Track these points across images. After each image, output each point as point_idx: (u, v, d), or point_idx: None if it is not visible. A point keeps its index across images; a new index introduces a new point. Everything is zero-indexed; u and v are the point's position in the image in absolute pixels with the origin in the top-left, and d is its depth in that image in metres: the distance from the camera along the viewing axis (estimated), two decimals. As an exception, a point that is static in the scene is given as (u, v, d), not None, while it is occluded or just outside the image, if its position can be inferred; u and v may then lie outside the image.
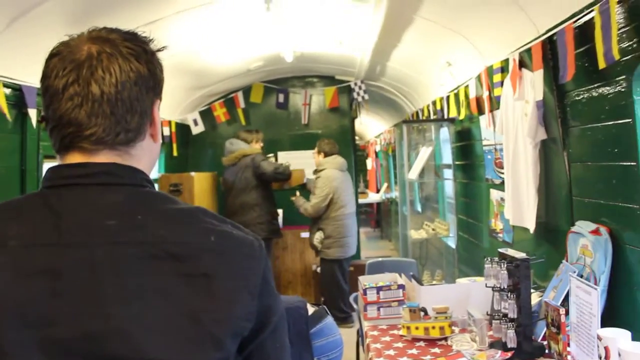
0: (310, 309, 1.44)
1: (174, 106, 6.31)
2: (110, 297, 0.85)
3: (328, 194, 5.80)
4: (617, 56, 2.12)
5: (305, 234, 7.00)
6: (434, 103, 5.78)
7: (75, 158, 0.96)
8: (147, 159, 1.04)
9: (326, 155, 6.02)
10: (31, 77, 3.18)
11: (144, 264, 0.88)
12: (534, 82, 2.90)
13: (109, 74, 0.93)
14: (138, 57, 0.97)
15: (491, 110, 3.91)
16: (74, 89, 0.92)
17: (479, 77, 4.09)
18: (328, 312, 1.49)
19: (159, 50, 1.04)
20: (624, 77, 2.25)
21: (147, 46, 1.01)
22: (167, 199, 0.99)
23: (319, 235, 5.86)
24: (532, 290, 2.51)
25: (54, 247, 0.87)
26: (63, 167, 0.96)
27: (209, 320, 0.89)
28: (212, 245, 0.94)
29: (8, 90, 3.06)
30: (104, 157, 0.96)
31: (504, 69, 3.54)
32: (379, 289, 3.10)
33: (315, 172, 6.04)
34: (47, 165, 3.52)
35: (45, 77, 0.95)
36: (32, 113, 3.21)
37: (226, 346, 0.91)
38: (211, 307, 0.89)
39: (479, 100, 4.23)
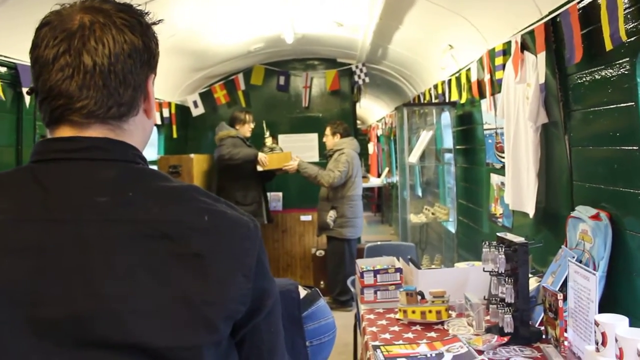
0: (303, 292, 1.41)
1: (174, 88, 6.26)
2: (100, 277, 0.83)
3: (349, 171, 5.81)
4: (624, 37, 2.07)
5: (305, 217, 6.99)
6: (436, 87, 5.73)
7: (65, 132, 0.93)
8: (140, 135, 1.01)
9: (342, 136, 6.04)
10: (26, 55, 3.14)
11: (135, 243, 0.85)
12: (537, 65, 2.86)
13: (101, 45, 0.90)
14: (132, 29, 0.94)
15: (492, 94, 3.87)
16: (64, 59, 0.89)
17: (480, 60, 4.04)
18: (320, 294, 1.46)
19: (154, 23, 1.00)
20: (627, 59, 2.20)
21: (142, 18, 0.97)
22: (159, 177, 0.96)
23: (333, 214, 5.85)
24: (530, 275, 2.50)
25: (41, 222, 0.84)
26: (52, 140, 0.93)
27: (201, 303, 0.86)
28: (206, 224, 0.90)
29: (3, 69, 3.03)
30: (95, 131, 0.93)
31: (505, 52, 3.49)
32: (376, 272, 3.09)
33: (330, 153, 6.02)
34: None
35: (35, 47, 0.92)
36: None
37: (219, 329, 0.88)
38: (204, 289, 0.87)
39: (480, 84, 4.18)
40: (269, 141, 6.17)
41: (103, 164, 0.92)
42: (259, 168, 5.86)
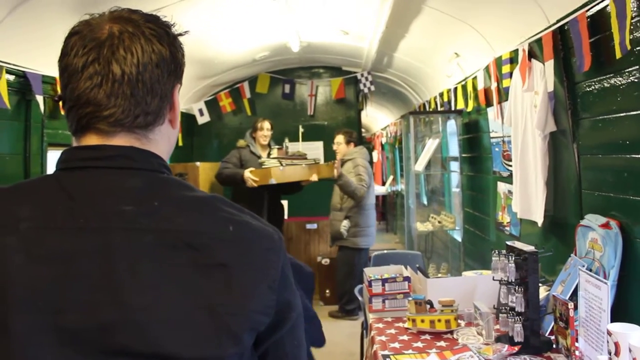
0: None
1: (180, 96, 6.25)
2: (125, 286, 0.82)
3: (369, 182, 5.75)
4: (628, 46, 2.08)
5: (310, 225, 6.98)
6: (442, 95, 5.73)
7: (91, 140, 0.93)
8: (165, 144, 1.01)
9: (355, 145, 5.98)
10: (35, 63, 3.15)
11: (160, 253, 0.85)
12: (545, 73, 2.86)
13: (130, 54, 0.90)
14: (160, 39, 0.94)
15: (499, 102, 3.87)
16: (94, 67, 0.89)
17: (487, 68, 4.03)
18: None
19: (180, 34, 1.00)
20: (636, 67, 2.20)
21: (170, 29, 0.98)
22: (185, 187, 0.95)
23: (346, 223, 5.77)
24: (539, 284, 2.48)
25: (67, 230, 0.84)
26: (79, 148, 0.93)
27: (226, 314, 0.85)
28: (231, 235, 0.90)
29: (12, 77, 3.03)
30: (121, 140, 0.93)
31: (512, 60, 3.49)
32: (384, 281, 3.08)
33: (343, 162, 5.88)
34: (51, 153, 3.50)
35: (64, 55, 0.92)
36: (39, 100, 3.19)
37: (242, 340, 0.87)
38: (228, 300, 0.86)
39: (487, 92, 4.18)
40: (274, 152, 5.66)
41: (129, 172, 0.92)
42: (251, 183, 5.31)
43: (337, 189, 5.80)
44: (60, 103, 0.95)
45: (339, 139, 6.03)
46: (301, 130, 6.13)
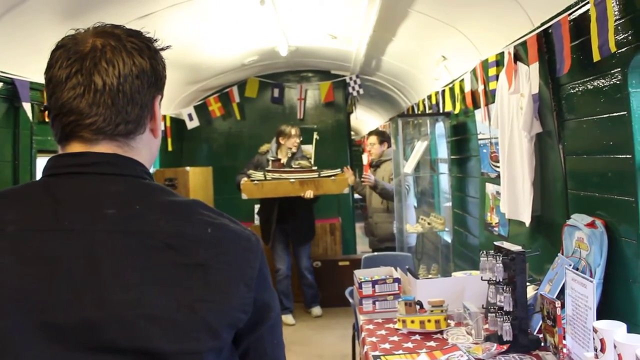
0: None
1: (169, 101, 6.28)
2: (108, 285, 0.86)
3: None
4: (613, 48, 2.11)
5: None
6: (430, 97, 5.76)
7: (75, 147, 0.98)
8: (147, 152, 1.06)
9: (388, 145, 5.85)
10: (24, 70, 3.15)
11: (142, 253, 0.90)
12: (530, 76, 2.89)
13: (112, 66, 0.95)
14: (141, 52, 1.00)
15: (486, 104, 3.91)
16: (76, 78, 0.94)
17: (474, 71, 4.07)
18: None
19: (162, 49, 1.06)
20: (618, 69, 2.24)
21: (151, 43, 1.04)
22: (165, 192, 1.00)
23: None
24: (527, 284, 2.51)
25: (52, 232, 0.88)
26: (64, 156, 0.98)
27: (205, 310, 0.90)
28: (208, 236, 0.95)
29: (0, 85, 3.03)
30: (104, 147, 0.98)
31: (499, 63, 3.52)
32: (374, 282, 3.10)
33: (376, 162, 5.80)
34: (40, 160, 3.50)
35: (49, 67, 0.97)
36: (27, 107, 3.18)
37: (221, 336, 0.92)
38: (207, 297, 0.91)
39: (474, 94, 4.22)
40: (269, 164, 5.71)
41: (112, 178, 0.97)
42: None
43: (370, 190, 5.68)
44: (46, 113, 1.01)
45: (373, 139, 5.81)
46: (315, 136, 5.91)
